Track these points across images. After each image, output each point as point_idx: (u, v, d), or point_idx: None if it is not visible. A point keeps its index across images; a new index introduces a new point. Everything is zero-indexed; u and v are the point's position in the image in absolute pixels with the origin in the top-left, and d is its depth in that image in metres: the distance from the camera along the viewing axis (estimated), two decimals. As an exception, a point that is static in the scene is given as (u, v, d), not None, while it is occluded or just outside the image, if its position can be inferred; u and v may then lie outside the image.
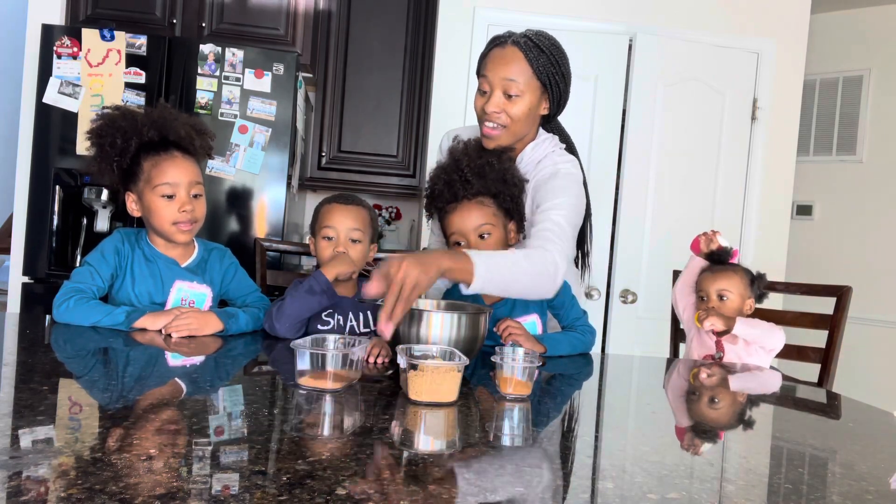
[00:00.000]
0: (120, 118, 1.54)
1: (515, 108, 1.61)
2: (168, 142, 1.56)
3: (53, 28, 2.70)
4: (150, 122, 1.54)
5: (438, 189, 1.60)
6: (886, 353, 3.81)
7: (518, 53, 1.60)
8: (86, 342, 1.34)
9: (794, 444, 1.04)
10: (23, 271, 2.72)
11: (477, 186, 1.54)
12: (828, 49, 3.99)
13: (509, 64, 1.60)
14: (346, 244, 1.61)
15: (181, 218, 1.56)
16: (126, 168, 1.56)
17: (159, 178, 1.54)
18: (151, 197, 1.55)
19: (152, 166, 1.54)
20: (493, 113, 1.61)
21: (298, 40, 3.14)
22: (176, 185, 1.55)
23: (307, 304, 1.52)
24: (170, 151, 1.56)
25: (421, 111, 3.33)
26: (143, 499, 0.60)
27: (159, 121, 1.55)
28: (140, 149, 1.54)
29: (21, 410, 0.85)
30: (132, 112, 1.57)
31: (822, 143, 4.10)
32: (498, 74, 1.60)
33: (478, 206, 1.55)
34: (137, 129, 1.52)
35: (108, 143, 1.52)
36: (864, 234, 3.95)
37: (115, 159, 1.54)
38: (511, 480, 0.73)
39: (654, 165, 3.24)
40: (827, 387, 1.93)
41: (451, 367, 1.04)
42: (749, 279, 1.87)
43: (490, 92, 1.62)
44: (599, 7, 3.29)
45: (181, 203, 1.55)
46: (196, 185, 1.58)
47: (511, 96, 1.61)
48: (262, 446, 0.78)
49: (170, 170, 1.54)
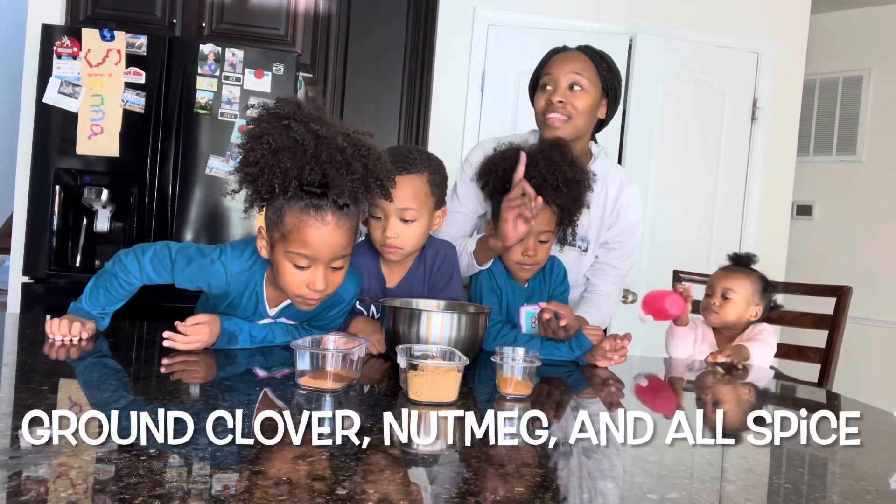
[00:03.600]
0: (287, 149, 1.15)
1: (580, 100, 1.67)
2: (326, 190, 1.17)
3: (53, 28, 2.70)
4: (318, 163, 1.16)
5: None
6: (886, 353, 3.81)
7: (583, 56, 1.70)
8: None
9: (794, 444, 1.04)
10: (23, 271, 2.72)
11: (563, 198, 1.55)
12: (828, 49, 3.99)
13: (575, 61, 1.68)
14: (397, 226, 1.40)
15: (307, 294, 1.23)
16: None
17: (297, 246, 1.18)
18: (281, 257, 1.21)
19: (295, 224, 1.17)
20: (557, 103, 1.66)
21: (298, 40, 3.14)
22: (314, 258, 1.19)
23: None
24: (322, 214, 1.17)
25: (421, 111, 3.32)
26: (143, 499, 0.60)
27: (328, 163, 1.16)
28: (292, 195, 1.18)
29: (21, 410, 0.85)
30: (301, 138, 1.15)
31: (822, 143, 4.10)
32: (564, 70, 1.67)
33: (549, 212, 1.55)
34: (301, 167, 1.15)
35: (265, 183, 1.16)
36: (864, 234, 3.94)
37: (264, 199, 1.21)
38: (511, 480, 0.73)
39: (654, 165, 3.24)
40: (827, 387, 1.93)
41: (451, 367, 1.04)
42: (761, 286, 1.81)
43: (555, 87, 1.68)
44: (599, 7, 3.29)
45: (313, 279, 1.21)
46: (340, 258, 1.23)
47: (575, 89, 1.66)
48: (261, 446, 0.78)
49: (314, 238, 1.18)
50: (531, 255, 1.54)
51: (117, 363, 1.23)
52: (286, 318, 1.40)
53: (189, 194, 2.72)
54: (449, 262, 1.54)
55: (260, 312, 1.37)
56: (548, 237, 1.57)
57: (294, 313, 1.38)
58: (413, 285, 1.51)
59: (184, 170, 2.72)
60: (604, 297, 1.80)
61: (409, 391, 1.03)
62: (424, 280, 1.52)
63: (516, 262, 1.57)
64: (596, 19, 3.26)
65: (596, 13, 3.28)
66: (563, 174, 1.53)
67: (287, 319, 1.40)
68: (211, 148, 2.72)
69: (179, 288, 1.35)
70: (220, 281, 1.31)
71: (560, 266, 1.69)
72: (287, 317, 1.40)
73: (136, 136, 2.69)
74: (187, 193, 2.72)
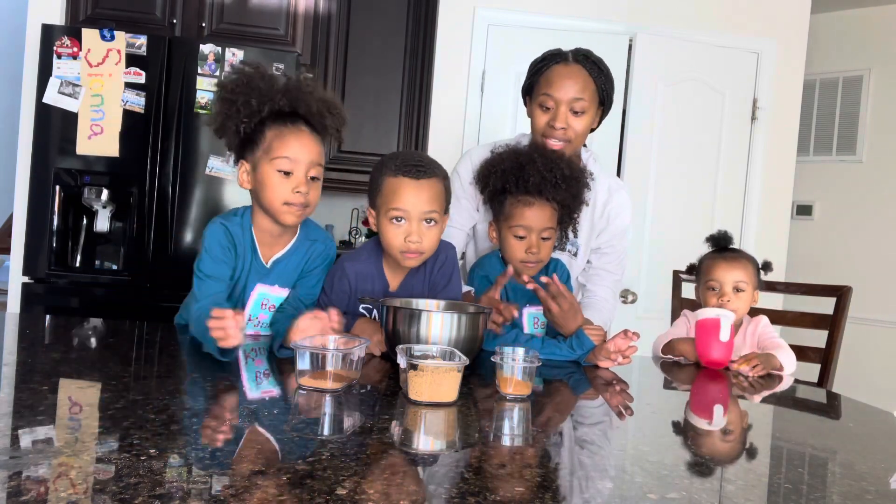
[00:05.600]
0: (258, 78, 1.40)
1: (580, 123, 1.68)
2: (297, 115, 1.42)
3: (53, 28, 2.70)
4: (285, 90, 1.41)
5: (515, 171, 1.56)
6: (886, 353, 3.81)
7: (583, 71, 1.68)
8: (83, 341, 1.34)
9: (794, 444, 1.04)
10: (23, 271, 2.72)
11: (562, 195, 1.57)
12: (828, 49, 3.99)
13: (577, 82, 1.67)
14: (420, 230, 1.42)
15: (294, 199, 1.40)
16: (247, 134, 1.42)
17: (280, 151, 1.39)
18: (267, 169, 1.40)
19: (275, 136, 1.40)
20: (560, 129, 1.67)
21: (298, 40, 3.14)
22: (296, 161, 1.39)
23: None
24: (297, 125, 1.42)
25: (421, 111, 3.32)
26: (143, 499, 0.60)
27: (294, 91, 1.41)
28: (267, 116, 1.40)
29: (21, 410, 0.85)
30: (270, 75, 1.43)
31: (822, 143, 4.10)
32: (567, 93, 1.66)
33: (550, 209, 1.57)
34: (271, 94, 1.39)
35: (242, 101, 1.38)
36: (864, 234, 3.95)
37: (244, 121, 1.40)
38: (511, 480, 0.73)
39: (654, 165, 3.24)
40: (827, 387, 1.93)
41: (451, 367, 1.04)
42: (757, 269, 1.76)
43: (555, 108, 1.67)
44: (599, 7, 3.29)
45: (297, 183, 1.40)
46: (317, 166, 1.43)
47: (577, 113, 1.67)
48: (261, 446, 0.78)
49: (293, 144, 1.40)
50: (535, 252, 1.55)
51: (117, 363, 1.22)
52: (278, 286, 1.48)
53: (189, 194, 2.72)
54: (449, 263, 1.54)
55: (255, 268, 1.46)
56: (550, 234, 1.58)
57: (284, 268, 1.49)
58: (414, 286, 1.52)
59: (184, 170, 2.72)
60: (601, 300, 1.81)
61: (409, 391, 1.03)
62: (425, 281, 1.52)
63: (521, 261, 1.57)
64: (596, 19, 3.26)
65: (596, 13, 3.28)
66: (561, 171, 1.54)
67: (279, 288, 1.48)
68: (211, 148, 2.72)
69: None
70: (223, 233, 1.44)
71: (563, 268, 1.70)
72: (278, 273, 1.48)
73: (136, 136, 2.69)
74: (187, 193, 2.72)
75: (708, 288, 1.74)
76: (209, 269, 1.41)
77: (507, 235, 1.58)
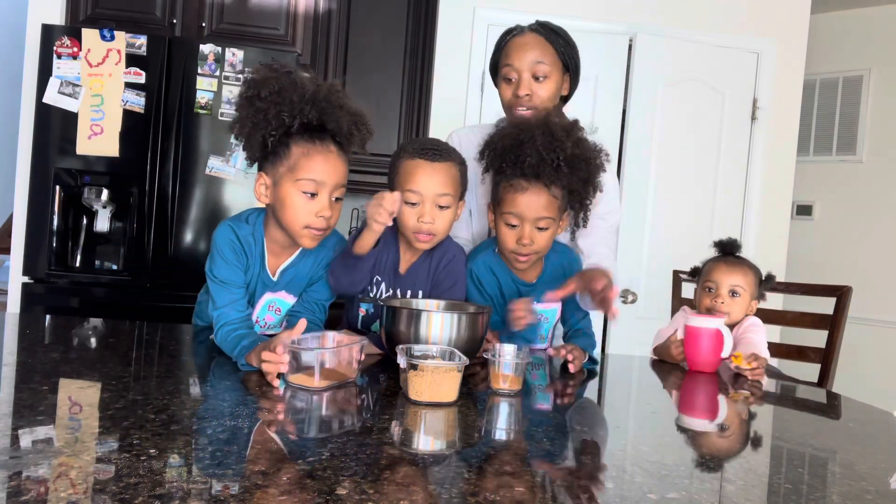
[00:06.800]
0: (290, 88, 1.30)
1: (544, 89, 1.66)
2: (324, 129, 1.33)
3: (53, 28, 2.70)
4: (314, 101, 1.31)
5: (513, 150, 1.44)
6: (886, 353, 3.81)
7: (539, 38, 1.67)
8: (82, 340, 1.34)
9: (794, 444, 1.04)
10: (23, 271, 2.72)
11: (565, 180, 1.43)
12: (828, 49, 3.99)
13: (534, 48, 1.66)
14: (433, 212, 1.42)
15: (316, 224, 1.33)
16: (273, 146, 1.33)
17: (306, 172, 1.31)
18: (290, 189, 1.32)
19: (303, 154, 1.31)
20: (524, 97, 1.64)
21: (298, 40, 3.14)
22: (322, 183, 1.32)
23: (354, 276, 1.42)
24: (325, 143, 1.33)
25: (421, 111, 3.32)
26: (143, 499, 0.60)
27: (324, 104, 1.32)
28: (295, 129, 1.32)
29: (21, 410, 0.85)
30: (301, 82, 1.32)
31: (822, 143, 4.10)
32: (525, 59, 1.65)
33: (548, 195, 1.43)
34: (302, 105, 1.29)
35: (273, 113, 1.28)
36: (864, 234, 3.95)
37: (272, 134, 1.30)
38: (511, 480, 0.73)
39: (654, 165, 3.24)
40: (827, 387, 1.93)
41: (451, 367, 1.04)
42: (758, 279, 1.76)
43: (518, 78, 1.66)
44: (599, 7, 3.29)
45: (321, 207, 1.32)
46: (341, 188, 1.37)
47: (539, 78, 1.65)
48: (261, 446, 0.78)
49: (320, 165, 1.32)
50: (526, 243, 1.43)
51: (117, 363, 1.22)
52: (285, 292, 1.45)
53: (189, 194, 2.72)
54: (456, 265, 1.52)
55: (262, 280, 1.42)
56: (547, 224, 1.44)
57: (292, 278, 1.44)
58: (418, 276, 1.52)
59: (184, 170, 2.72)
60: (603, 257, 1.67)
61: (409, 391, 1.03)
62: (429, 274, 1.52)
63: (510, 251, 1.47)
64: (596, 19, 3.26)
65: (596, 13, 3.28)
66: (564, 152, 1.40)
67: (286, 294, 1.45)
68: (211, 148, 2.72)
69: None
70: (234, 237, 1.38)
71: (577, 260, 1.59)
72: (286, 283, 1.45)
73: (136, 136, 2.69)
74: (187, 193, 2.72)
75: (704, 288, 1.74)
76: (223, 273, 1.35)
77: (500, 222, 1.47)
